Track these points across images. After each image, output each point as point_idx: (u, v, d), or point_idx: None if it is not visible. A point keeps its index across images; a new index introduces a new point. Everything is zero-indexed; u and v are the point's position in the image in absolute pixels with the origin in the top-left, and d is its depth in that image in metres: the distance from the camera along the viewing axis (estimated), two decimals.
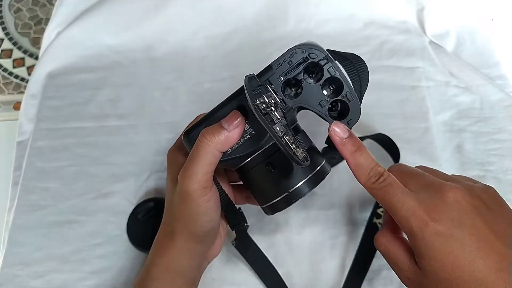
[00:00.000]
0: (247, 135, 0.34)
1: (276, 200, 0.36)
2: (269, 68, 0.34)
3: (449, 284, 0.31)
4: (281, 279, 0.48)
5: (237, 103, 0.35)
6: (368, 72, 0.36)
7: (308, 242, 0.51)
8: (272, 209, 0.37)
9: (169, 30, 0.65)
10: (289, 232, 0.51)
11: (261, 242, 0.50)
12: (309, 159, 0.31)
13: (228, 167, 0.38)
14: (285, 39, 0.65)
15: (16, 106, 1.11)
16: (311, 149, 0.37)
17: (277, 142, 0.30)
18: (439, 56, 0.63)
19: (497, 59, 0.63)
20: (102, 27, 0.64)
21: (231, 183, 0.43)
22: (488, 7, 0.66)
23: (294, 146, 0.31)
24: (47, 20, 0.87)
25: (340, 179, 0.54)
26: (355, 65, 0.35)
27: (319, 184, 0.36)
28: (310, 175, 0.35)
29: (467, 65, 0.62)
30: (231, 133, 0.33)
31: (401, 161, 0.54)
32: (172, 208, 0.38)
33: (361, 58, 0.36)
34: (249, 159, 0.35)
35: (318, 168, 0.36)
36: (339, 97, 0.34)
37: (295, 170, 0.35)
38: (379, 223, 0.50)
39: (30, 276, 0.50)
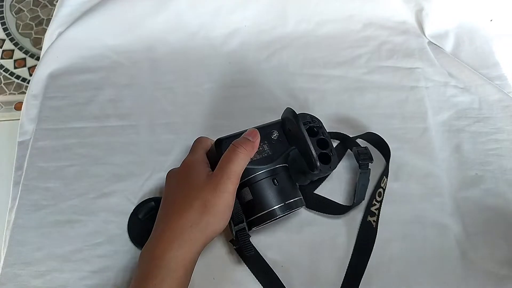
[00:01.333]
0: (265, 154, 0.46)
1: (272, 208, 0.44)
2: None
3: None
4: (279, 280, 0.49)
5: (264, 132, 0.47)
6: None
7: (308, 242, 0.51)
8: (260, 219, 0.45)
9: (169, 31, 0.65)
10: (288, 232, 0.52)
11: (261, 241, 0.51)
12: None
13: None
14: (285, 40, 0.66)
15: (18, 106, 1.11)
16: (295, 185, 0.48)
17: (309, 148, 0.45)
18: (438, 56, 0.63)
19: (496, 60, 0.64)
20: (103, 28, 0.65)
21: None
22: (487, 8, 0.66)
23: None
24: (48, 21, 0.87)
25: (340, 180, 0.54)
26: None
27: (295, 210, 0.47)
28: (296, 198, 0.46)
29: (466, 66, 0.62)
30: (255, 143, 0.43)
31: (400, 161, 0.55)
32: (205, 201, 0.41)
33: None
34: (262, 171, 0.45)
35: (300, 197, 0.47)
36: (326, 151, 0.49)
37: (289, 190, 0.46)
38: (374, 221, 0.51)
39: (31, 275, 0.50)
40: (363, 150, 0.51)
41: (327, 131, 0.50)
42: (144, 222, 0.51)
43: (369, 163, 0.51)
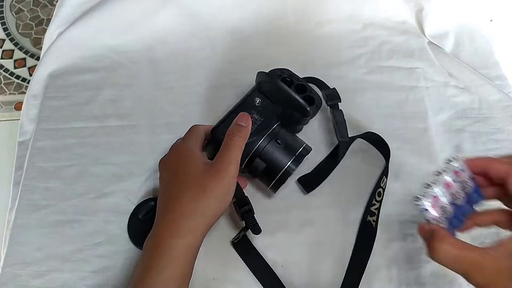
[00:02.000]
0: (258, 122, 0.49)
1: (287, 164, 0.48)
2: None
3: None
4: (279, 279, 0.49)
5: (247, 103, 0.50)
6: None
7: (307, 241, 0.51)
8: (281, 179, 0.48)
9: (169, 31, 0.65)
10: (288, 231, 0.52)
11: (261, 241, 0.51)
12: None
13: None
14: (285, 40, 0.66)
15: (18, 106, 1.11)
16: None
17: (295, 99, 0.49)
18: (438, 56, 0.63)
19: (496, 60, 0.64)
20: (103, 28, 0.65)
21: None
22: (487, 8, 0.66)
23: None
24: (48, 21, 0.87)
25: (339, 179, 0.54)
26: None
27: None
28: (302, 147, 0.49)
29: (466, 66, 0.62)
30: (248, 127, 0.46)
31: (400, 161, 0.54)
32: (204, 184, 0.42)
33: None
34: (263, 138, 0.48)
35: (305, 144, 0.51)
36: (306, 93, 0.51)
37: (293, 143, 0.49)
38: (373, 220, 0.51)
39: (31, 275, 0.50)
40: (331, 92, 0.55)
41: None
42: (144, 222, 0.51)
43: (338, 103, 0.54)
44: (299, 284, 0.49)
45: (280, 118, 0.50)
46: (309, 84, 0.53)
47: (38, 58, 1.10)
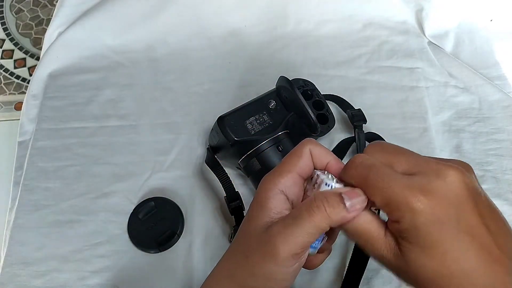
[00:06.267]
0: (266, 124, 0.48)
1: None
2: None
3: (436, 276, 0.26)
4: None
5: (264, 101, 0.50)
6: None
7: None
8: None
9: (169, 31, 0.65)
10: None
11: None
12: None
13: (232, 157, 0.50)
14: (285, 39, 0.66)
15: (18, 106, 1.11)
16: None
17: (308, 112, 0.48)
18: (438, 56, 0.63)
19: (496, 60, 0.64)
20: (103, 28, 0.65)
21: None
22: (487, 8, 0.66)
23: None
24: (48, 21, 0.87)
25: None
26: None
27: None
28: None
29: (466, 66, 0.62)
30: (349, 214, 0.28)
31: None
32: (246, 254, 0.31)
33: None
34: (265, 141, 0.47)
35: None
36: (322, 111, 0.53)
37: None
38: None
39: (31, 275, 0.50)
40: (357, 112, 0.55)
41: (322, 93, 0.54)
42: (144, 222, 0.51)
43: (363, 124, 0.54)
44: (299, 284, 0.49)
45: (289, 127, 0.50)
46: (329, 101, 0.53)
47: (38, 58, 1.10)
